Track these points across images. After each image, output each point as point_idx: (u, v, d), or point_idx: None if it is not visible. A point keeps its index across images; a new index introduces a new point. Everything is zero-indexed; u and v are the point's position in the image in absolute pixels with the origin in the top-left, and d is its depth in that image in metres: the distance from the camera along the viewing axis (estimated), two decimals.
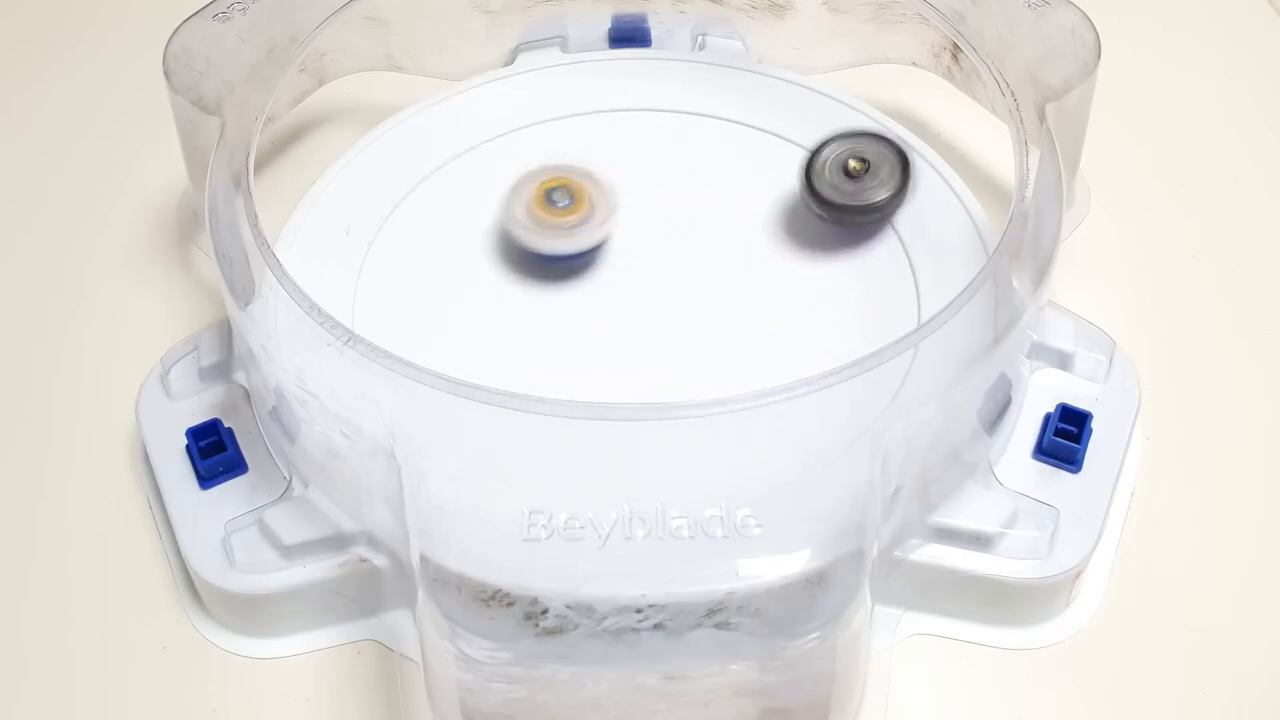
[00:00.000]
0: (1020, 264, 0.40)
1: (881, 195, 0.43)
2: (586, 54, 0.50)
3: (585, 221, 0.43)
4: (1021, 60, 0.43)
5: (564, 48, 0.50)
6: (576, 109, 0.48)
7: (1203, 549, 0.42)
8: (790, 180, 0.46)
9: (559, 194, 0.43)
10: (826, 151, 0.44)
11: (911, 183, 0.43)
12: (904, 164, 0.43)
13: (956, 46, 0.46)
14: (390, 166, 0.46)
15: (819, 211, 0.44)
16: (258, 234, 0.39)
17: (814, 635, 0.34)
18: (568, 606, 0.34)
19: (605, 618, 0.34)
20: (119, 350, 0.46)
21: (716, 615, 0.34)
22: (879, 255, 0.44)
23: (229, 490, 0.41)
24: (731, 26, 0.50)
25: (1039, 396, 0.42)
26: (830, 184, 0.43)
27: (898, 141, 0.44)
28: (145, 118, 0.52)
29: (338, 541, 0.39)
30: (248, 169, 0.41)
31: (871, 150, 0.44)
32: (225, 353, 0.43)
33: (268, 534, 0.39)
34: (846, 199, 0.43)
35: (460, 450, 0.36)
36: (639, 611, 0.34)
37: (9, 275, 0.49)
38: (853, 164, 0.43)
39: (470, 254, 0.44)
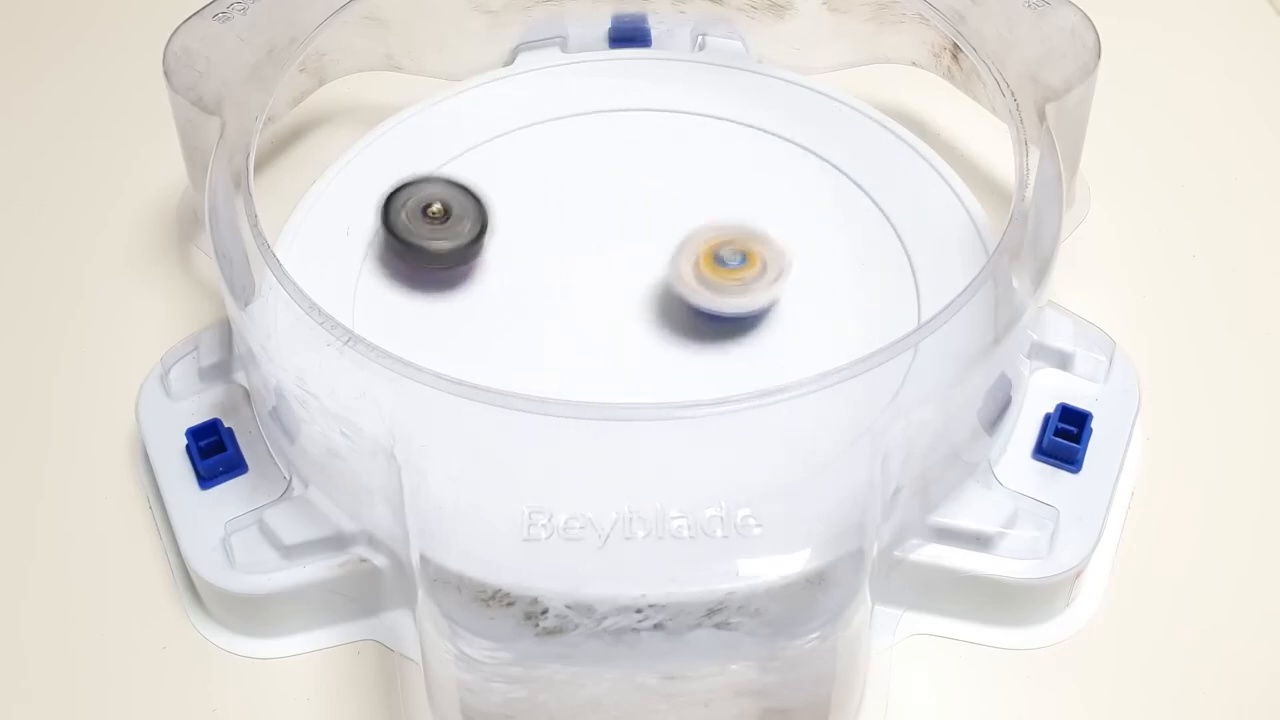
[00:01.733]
0: (1020, 264, 0.40)
1: (451, 245, 0.43)
2: (586, 54, 0.50)
3: (756, 279, 0.42)
4: (1021, 60, 0.43)
5: (564, 48, 0.50)
6: (576, 109, 0.48)
7: (1203, 549, 0.42)
8: (790, 180, 0.46)
9: (728, 252, 0.42)
10: (408, 191, 0.44)
11: (485, 239, 0.43)
12: (482, 216, 0.43)
13: (956, 46, 0.46)
14: (390, 166, 0.46)
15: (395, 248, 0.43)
16: (258, 234, 0.39)
17: (814, 635, 0.34)
18: (568, 606, 0.34)
19: (605, 618, 0.34)
20: (119, 350, 0.46)
21: (716, 615, 0.34)
22: (879, 256, 0.44)
23: (229, 490, 0.41)
24: (731, 26, 0.50)
25: (1039, 396, 0.42)
26: (405, 224, 0.43)
27: (476, 192, 0.44)
28: (145, 118, 0.52)
29: (338, 541, 0.39)
30: (248, 169, 0.41)
31: (454, 198, 0.44)
32: (225, 353, 0.43)
33: (268, 534, 0.39)
34: (418, 241, 0.43)
35: (460, 450, 0.36)
36: (639, 611, 0.34)
37: (9, 275, 0.49)
38: (434, 208, 0.43)
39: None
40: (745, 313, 0.42)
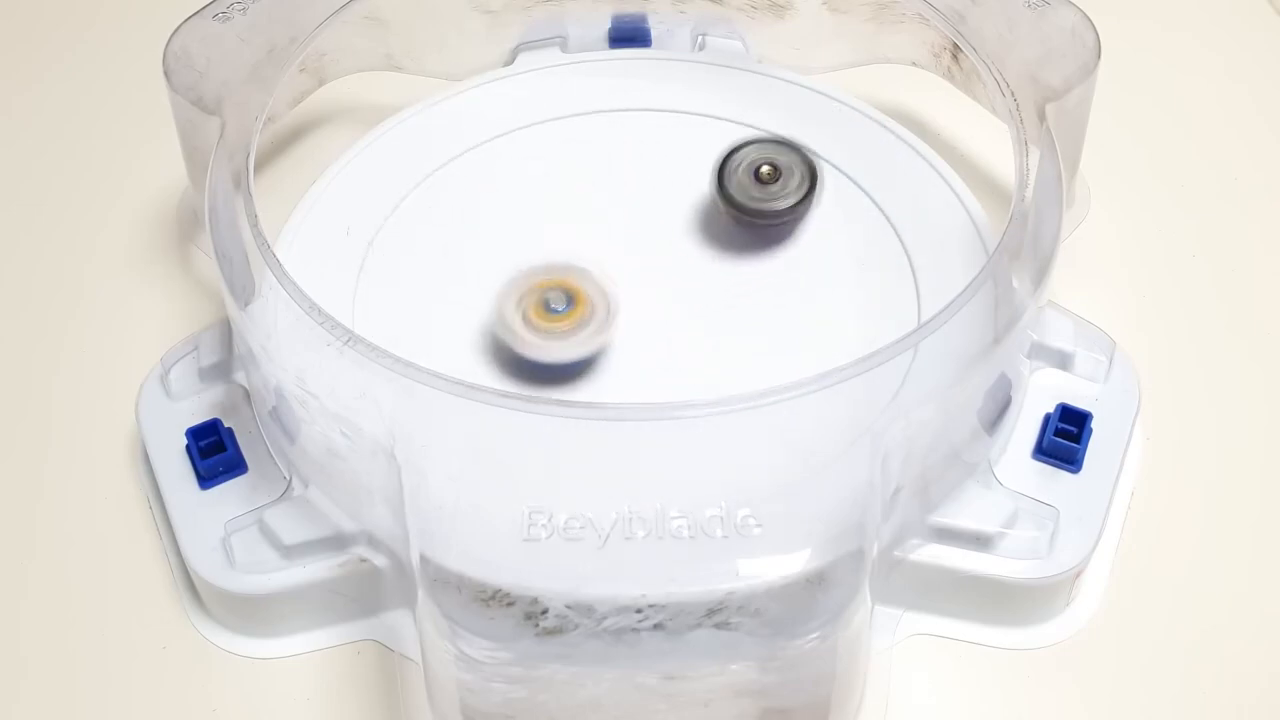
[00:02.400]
0: (1020, 264, 0.40)
1: (787, 203, 0.43)
2: (586, 54, 0.50)
3: (581, 327, 0.41)
4: (1021, 60, 0.43)
5: (564, 48, 0.50)
6: (576, 109, 0.48)
7: (1203, 549, 0.42)
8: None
9: (555, 297, 0.41)
10: (740, 155, 0.44)
11: (818, 193, 0.44)
12: (812, 174, 0.44)
13: (956, 46, 0.46)
14: (390, 166, 0.46)
15: (727, 211, 0.44)
16: (258, 234, 0.39)
17: (814, 635, 0.34)
18: (568, 606, 0.34)
19: (605, 618, 0.34)
20: (119, 350, 0.46)
21: (716, 615, 0.34)
22: (879, 255, 0.44)
23: (229, 490, 0.41)
24: (731, 26, 0.50)
25: (1039, 396, 0.42)
26: (739, 187, 0.44)
27: (808, 151, 0.44)
28: (145, 118, 0.52)
29: (338, 541, 0.39)
30: (248, 169, 0.41)
31: (783, 158, 0.44)
32: (225, 353, 0.43)
33: (268, 534, 0.39)
34: (754, 203, 0.44)
35: (460, 450, 0.36)
36: (639, 611, 0.34)
37: (9, 275, 0.49)
38: (764, 170, 0.44)
39: (470, 254, 0.44)
40: (570, 360, 0.41)
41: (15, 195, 0.52)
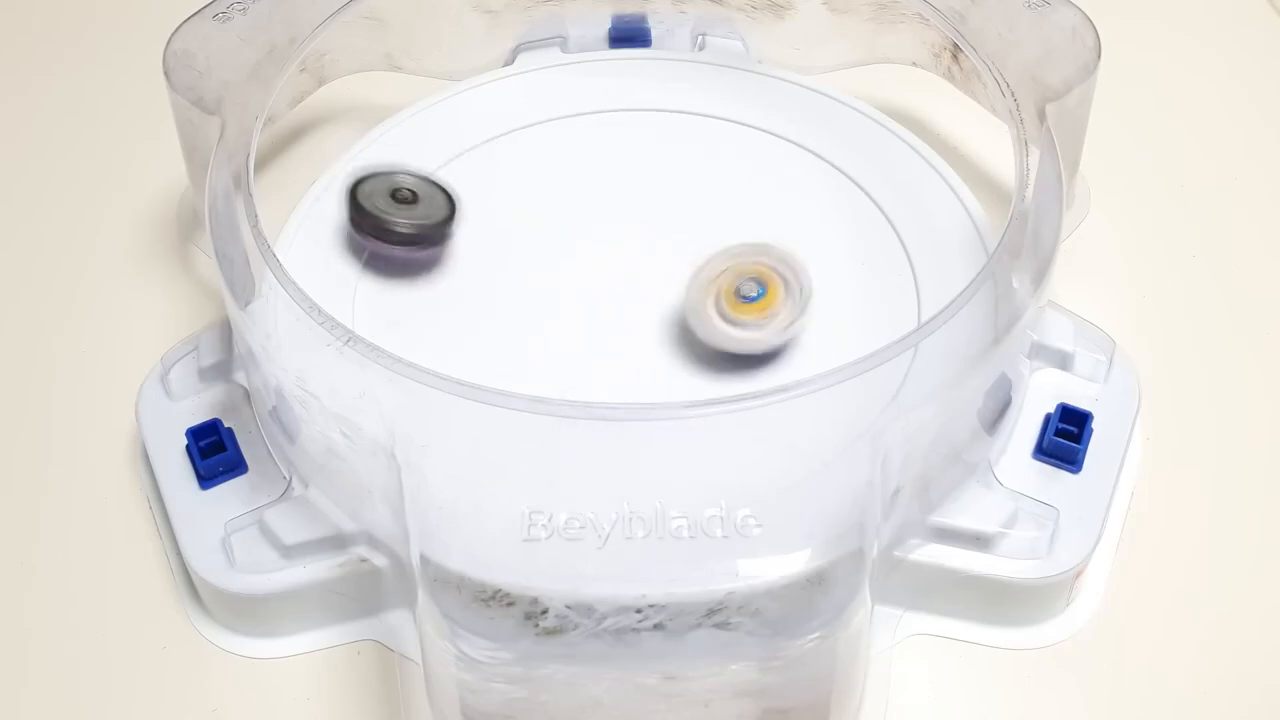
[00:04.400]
0: (1020, 264, 0.40)
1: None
2: (586, 54, 0.50)
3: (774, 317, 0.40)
4: (1021, 60, 0.43)
5: (564, 48, 0.50)
6: (576, 109, 0.48)
7: (1203, 549, 0.42)
8: (789, 180, 0.46)
9: (747, 286, 0.40)
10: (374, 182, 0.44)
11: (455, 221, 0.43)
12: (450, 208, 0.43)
13: (956, 46, 0.46)
14: (390, 166, 0.46)
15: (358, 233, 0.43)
16: (258, 234, 0.39)
17: (814, 635, 0.34)
18: (568, 606, 0.34)
19: (605, 618, 0.34)
20: (119, 350, 0.46)
21: (716, 615, 0.34)
22: (879, 255, 0.44)
23: (229, 490, 0.41)
24: (731, 26, 0.50)
25: (1039, 396, 0.42)
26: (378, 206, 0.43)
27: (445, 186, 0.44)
28: (145, 117, 0.52)
29: (338, 541, 0.39)
30: (248, 169, 0.41)
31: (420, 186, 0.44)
32: (225, 353, 0.43)
33: (268, 534, 0.39)
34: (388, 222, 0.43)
35: (460, 450, 0.36)
36: (639, 611, 0.34)
37: (9, 275, 0.49)
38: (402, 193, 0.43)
39: (470, 254, 0.44)
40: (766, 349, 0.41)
41: (16, 195, 0.52)
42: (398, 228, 0.43)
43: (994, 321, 0.39)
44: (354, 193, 0.43)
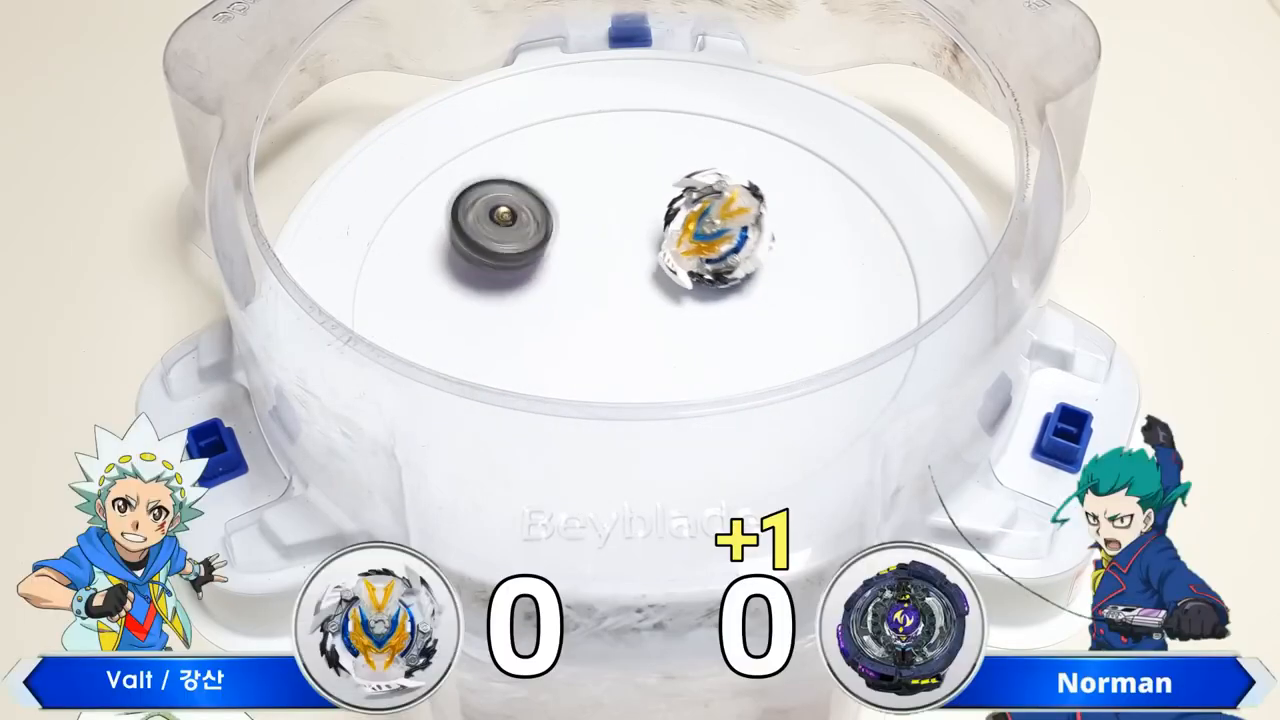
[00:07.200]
0: (1020, 264, 0.40)
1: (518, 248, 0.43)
2: (586, 54, 0.50)
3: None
4: (1021, 60, 0.43)
5: (564, 48, 0.50)
6: (576, 109, 0.48)
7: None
8: (789, 179, 0.46)
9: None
10: (476, 192, 0.43)
11: (552, 239, 0.43)
12: (548, 219, 0.43)
13: (956, 46, 0.46)
14: (390, 166, 0.46)
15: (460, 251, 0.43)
16: (258, 234, 0.39)
17: (814, 635, 0.34)
18: (568, 606, 0.34)
19: (605, 618, 0.34)
20: (119, 350, 0.46)
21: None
22: (879, 256, 0.44)
23: (229, 490, 0.41)
24: (731, 26, 0.50)
25: (1039, 396, 0.42)
26: (472, 226, 0.43)
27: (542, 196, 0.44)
28: (145, 117, 0.52)
29: (338, 541, 0.39)
30: (248, 169, 0.41)
31: (521, 201, 0.44)
32: (225, 353, 0.43)
33: (268, 534, 0.39)
34: (487, 244, 0.43)
35: (460, 450, 0.36)
36: (639, 611, 0.34)
37: (9, 275, 0.49)
38: (501, 211, 0.43)
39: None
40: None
41: (16, 195, 0.52)
42: (497, 249, 0.43)
43: (994, 321, 0.39)
44: (455, 210, 0.43)
